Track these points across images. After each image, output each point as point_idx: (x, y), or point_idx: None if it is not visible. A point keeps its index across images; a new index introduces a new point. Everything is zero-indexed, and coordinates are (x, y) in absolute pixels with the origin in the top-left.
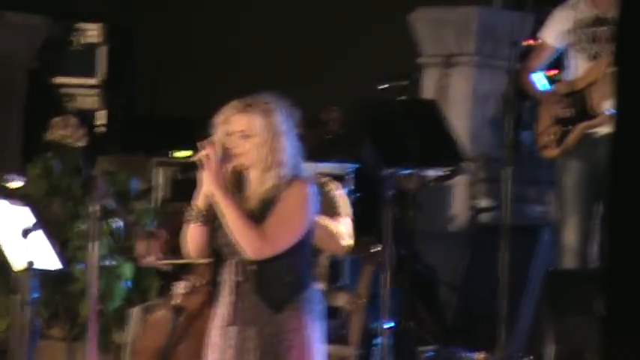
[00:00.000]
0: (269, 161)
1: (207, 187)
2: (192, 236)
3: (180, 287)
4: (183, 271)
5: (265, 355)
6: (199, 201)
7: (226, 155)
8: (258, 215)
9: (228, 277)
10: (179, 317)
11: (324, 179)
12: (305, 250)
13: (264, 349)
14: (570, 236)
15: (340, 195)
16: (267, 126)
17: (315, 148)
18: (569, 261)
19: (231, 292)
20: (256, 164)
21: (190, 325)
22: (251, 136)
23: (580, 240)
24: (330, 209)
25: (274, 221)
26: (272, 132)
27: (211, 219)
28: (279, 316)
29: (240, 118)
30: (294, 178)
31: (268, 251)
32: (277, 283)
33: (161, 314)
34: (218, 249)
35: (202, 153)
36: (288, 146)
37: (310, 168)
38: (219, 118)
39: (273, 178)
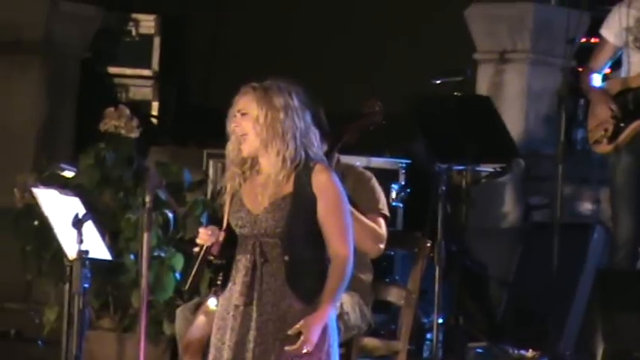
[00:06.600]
0: (264, 135)
1: None
2: None
3: None
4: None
5: (286, 341)
6: None
7: None
8: (288, 202)
9: (244, 257)
10: None
11: (362, 170)
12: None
13: (285, 335)
14: (623, 233)
15: (380, 190)
16: (261, 102)
17: (359, 140)
18: (621, 258)
19: (247, 273)
20: (257, 142)
21: None
22: (247, 113)
23: (633, 237)
24: (371, 204)
25: (343, 226)
26: (266, 107)
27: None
28: (301, 306)
29: (240, 99)
30: (315, 161)
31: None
32: (308, 274)
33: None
34: (233, 229)
35: None
36: (291, 123)
37: (362, 163)
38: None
39: (278, 156)
